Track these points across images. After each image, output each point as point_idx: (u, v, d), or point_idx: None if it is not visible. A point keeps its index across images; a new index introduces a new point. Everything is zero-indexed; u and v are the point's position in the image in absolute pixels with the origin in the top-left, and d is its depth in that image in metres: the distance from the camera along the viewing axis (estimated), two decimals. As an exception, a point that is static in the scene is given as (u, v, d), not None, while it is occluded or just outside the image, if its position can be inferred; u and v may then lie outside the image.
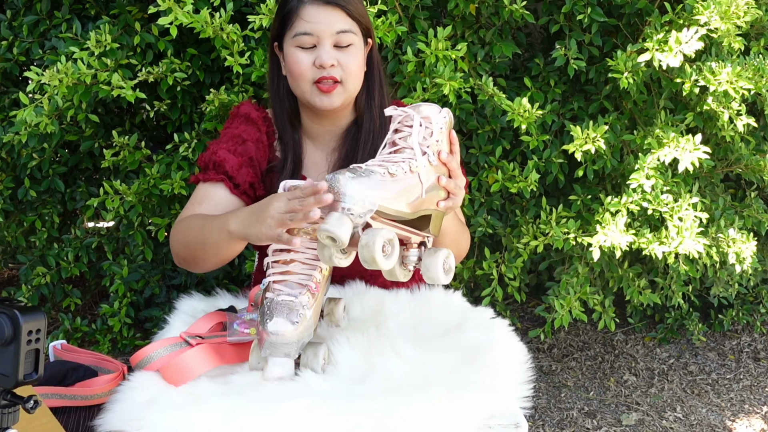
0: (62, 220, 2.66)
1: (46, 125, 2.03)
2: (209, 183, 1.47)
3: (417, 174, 1.15)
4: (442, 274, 1.18)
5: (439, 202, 1.20)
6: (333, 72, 1.44)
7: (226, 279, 2.71)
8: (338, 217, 1.05)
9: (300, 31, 1.43)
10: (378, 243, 1.06)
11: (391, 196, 1.09)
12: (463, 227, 1.54)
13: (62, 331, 2.56)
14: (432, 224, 1.22)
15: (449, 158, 1.21)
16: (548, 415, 2.51)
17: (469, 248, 1.61)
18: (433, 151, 1.19)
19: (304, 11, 1.43)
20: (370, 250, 1.06)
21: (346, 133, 1.56)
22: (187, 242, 1.37)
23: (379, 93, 1.55)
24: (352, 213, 1.05)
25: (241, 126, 1.55)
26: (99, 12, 2.31)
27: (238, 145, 1.51)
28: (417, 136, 1.18)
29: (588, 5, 2.16)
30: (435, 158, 1.19)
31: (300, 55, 1.44)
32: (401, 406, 1.08)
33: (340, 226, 1.04)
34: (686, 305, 2.89)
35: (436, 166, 1.19)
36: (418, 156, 1.16)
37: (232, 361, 1.23)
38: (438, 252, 1.19)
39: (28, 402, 0.90)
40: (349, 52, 1.45)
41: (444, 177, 1.20)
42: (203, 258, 1.35)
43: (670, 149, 2.03)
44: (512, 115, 2.05)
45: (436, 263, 1.17)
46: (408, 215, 1.13)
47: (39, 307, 1.05)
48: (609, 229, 2.06)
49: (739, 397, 2.66)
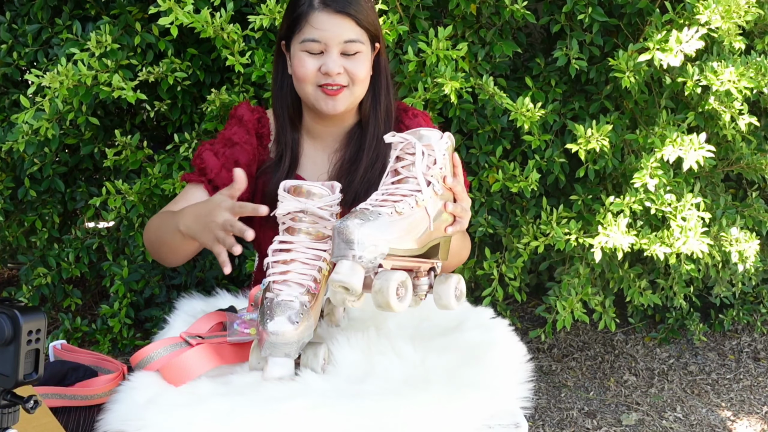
0: (62, 220, 2.66)
1: (46, 129, 2.03)
2: (191, 184, 1.51)
3: (424, 207, 1.13)
4: (454, 301, 1.18)
5: (447, 228, 1.19)
6: (339, 79, 1.44)
7: (226, 279, 2.71)
8: (350, 266, 1.04)
9: (308, 38, 1.43)
10: (392, 288, 1.06)
11: (400, 236, 1.08)
12: (465, 237, 1.54)
13: (62, 331, 2.56)
14: (441, 250, 1.20)
15: (454, 182, 1.20)
16: (548, 415, 2.51)
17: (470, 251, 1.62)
18: (437, 179, 1.17)
19: (313, 18, 1.43)
20: (384, 296, 1.06)
21: (349, 134, 1.56)
22: (150, 240, 1.45)
23: (386, 97, 1.54)
24: (363, 260, 1.04)
25: (233, 128, 1.56)
26: (99, 12, 2.31)
27: (225, 147, 1.52)
28: (420, 166, 1.16)
29: (589, 5, 2.16)
30: (440, 186, 1.17)
31: (306, 60, 1.44)
32: (401, 406, 1.08)
33: (352, 275, 1.04)
34: (687, 305, 2.89)
35: (442, 194, 1.18)
36: (423, 188, 1.14)
37: (232, 361, 1.23)
38: (449, 279, 1.18)
39: (28, 402, 0.90)
40: (356, 60, 1.44)
41: (450, 203, 1.18)
42: (165, 255, 1.42)
43: (674, 148, 2.03)
44: (515, 114, 2.04)
45: (448, 291, 1.17)
46: (419, 250, 1.13)
47: (39, 307, 1.05)
48: (611, 229, 2.06)
49: (739, 397, 2.65)
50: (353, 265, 1.05)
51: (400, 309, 1.08)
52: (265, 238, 1.46)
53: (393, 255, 1.08)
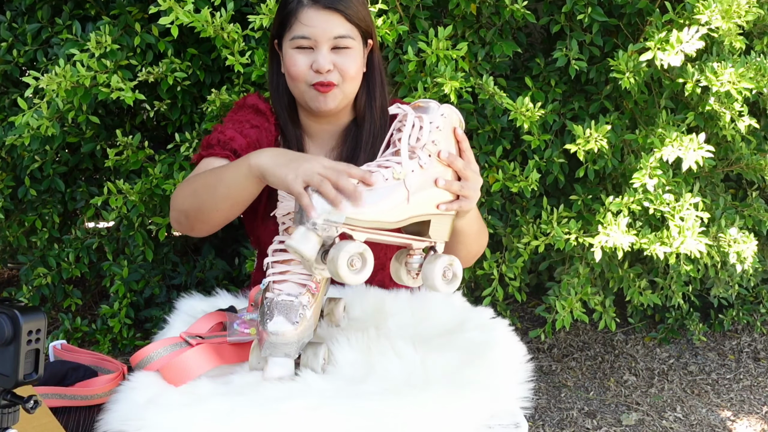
0: (62, 220, 2.66)
1: (47, 128, 2.03)
2: (213, 158, 1.43)
3: (402, 180, 1.10)
4: (440, 282, 1.15)
5: (440, 204, 1.16)
6: (330, 77, 1.42)
7: (226, 279, 2.71)
8: (303, 232, 1.04)
9: (298, 35, 1.42)
10: (342, 258, 1.04)
11: (365, 207, 1.06)
12: (480, 222, 1.47)
13: (62, 331, 2.56)
14: (433, 229, 1.17)
15: (452, 158, 1.16)
16: (548, 415, 2.51)
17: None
18: (428, 152, 1.15)
19: (302, 14, 1.42)
20: (334, 265, 1.04)
21: (345, 132, 1.55)
22: (196, 189, 1.29)
23: (380, 94, 1.54)
24: (317, 227, 1.03)
25: (249, 114, 1.53)
26: (99, 12, 2.31)
27: (246, 128, 1.48)
28: (407, 137, 1.14)
29: (588, 5, 2.16)
30: (431, 159, 1.14)
31: (297, 57, 1.43)
32: (401, 406, 1.08)
33: (304, 241, 1.03)
34: (686, 305, 2.89)
35: (432, 168, 1.15)
36: (404, 161, 1.12)
37: (232, 361, 1.23)
38: (437, 260, 1.16)
39: (28, 402, 0.90)
40: (347, 56, 1.43)
41: (443, 179, 1.15)
42: (211, 204, 1.27)
43: (673, 148, 2.03)
44: (515, 114, 2.04)
45: (434, 272, 1.15)
46: (393, 224, 1.10)
47: (39, 307, 1.05)
48: (611, 229, 2.06)
49: (739, 397, 2.65)
50: (306, 232, 1.03)
51: (353, 281, 1.06)
52: (265, 238, 1.46)
53: (355, 226, 1.06)
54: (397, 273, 1.21)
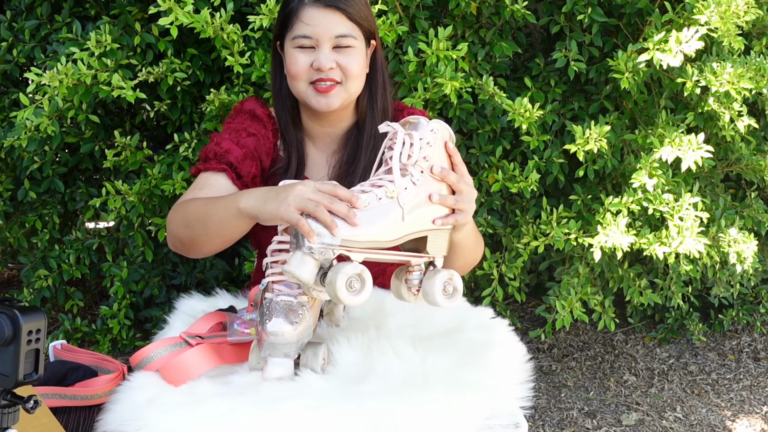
0: (62, 220, 2.66)
1: (46, 126, 2.03)
2: (210, 172, 1.43)
3: (395, 199, 1.11)
4: (440, 298, 1.15)
5: (436, 219, 1.16)
6: (332, 74, 1.42)
7: (226, 279, 2.71)
8: (300, 257, 1.04)
9: (299, 34, 1.42)
10: (340, 281, 1.04)
11: (360, 228, 1.06)
12: (477, 234, 1.48)
13: (62, 332, 2.56)
14: (430, 244, 1.17)
15: (445, 172, 1.16)
16: (548, 415, 2.51)
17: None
18: (420, 168, 1.14)
19: (303, 13, 1.42)
20: (333, 288, 1.05)
21: (347, 135, 1.55)
22: (189, 221, 1.31)
23: (382, 96, 1.53)
24: (313, 251, 1.04)
25: (246, 121, 1.52)
26: (99, 12, 2.31)
27: (243, 137, 1.48)
28: (398, 155, 1.14)
29: (588, 5, 2.16)
30: (423, 175, 1.14)
31: (298, 56, 1.43)
32: (401, 405, 1.08)
33: (301, 266, 1.03)
34: (686, 305, 2.89)
35: (425, 184, 1.15)
36: (396, 179, 1.12)
37: (232, 361, 1.23)
38: (437, 274, 1.16)
39: (28, 402, 0.90)
40: (349, 54, 1.43)
41: (437, 194, 1.15)
42: (204, 238, 1.30)
43: (672, 148, 2.03)
44: (513, 115, 2.05)
45: (434, 287, 1.15)
46: (389, 242, 1.10)
47: (39, 307, 1.05)
48: (610, 229, 2.06)
49: (739, 397, 2.65)
50: (303, 256, 1.04)
51: (353, 302, 1.06)
52: (265, 239, 1.46)
53: (352, 247, 1.06)
54: (398, 291, 1.21)
